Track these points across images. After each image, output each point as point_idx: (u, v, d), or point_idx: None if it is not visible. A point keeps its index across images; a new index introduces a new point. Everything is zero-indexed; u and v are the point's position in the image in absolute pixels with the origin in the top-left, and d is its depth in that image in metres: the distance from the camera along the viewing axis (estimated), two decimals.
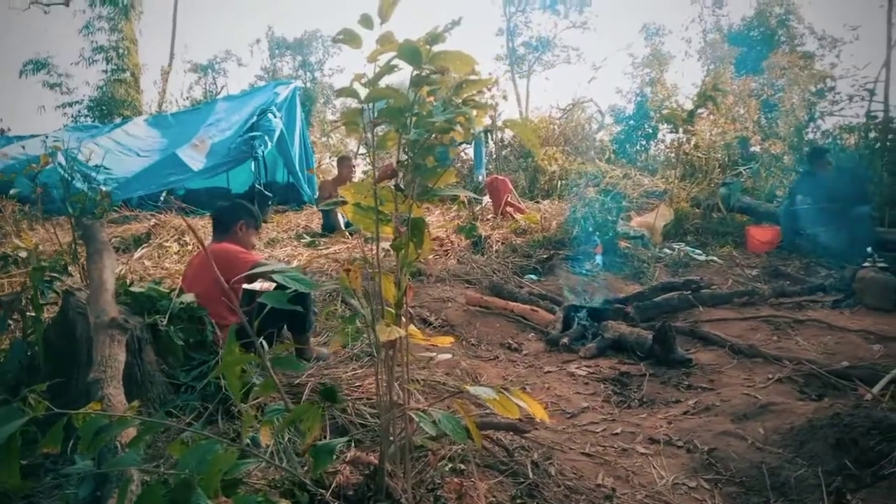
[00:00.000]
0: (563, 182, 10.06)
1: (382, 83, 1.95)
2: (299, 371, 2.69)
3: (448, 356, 2.01)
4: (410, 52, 1.94)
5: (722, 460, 2.59)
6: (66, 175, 6.83)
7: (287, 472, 1.81)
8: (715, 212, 7.65)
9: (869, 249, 5.10)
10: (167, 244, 5.57)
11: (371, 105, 2.04)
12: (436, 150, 2.05)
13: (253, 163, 8.56)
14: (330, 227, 7.24)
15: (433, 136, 2.05)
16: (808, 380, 3.36)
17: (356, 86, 2.01)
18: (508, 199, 7.85)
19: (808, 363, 3.46)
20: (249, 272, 2.01)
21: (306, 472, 1.90)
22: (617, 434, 2.91)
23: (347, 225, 7.53)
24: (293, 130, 10.01)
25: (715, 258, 6.16)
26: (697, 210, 7.74)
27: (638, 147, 14.53)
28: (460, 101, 2.08)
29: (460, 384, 3.28)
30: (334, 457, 1.84)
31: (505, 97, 17.05)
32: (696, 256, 6.12)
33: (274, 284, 2.03)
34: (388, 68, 1.98)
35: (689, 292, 4.69)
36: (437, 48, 1.97)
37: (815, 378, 3.36)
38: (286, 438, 2.24)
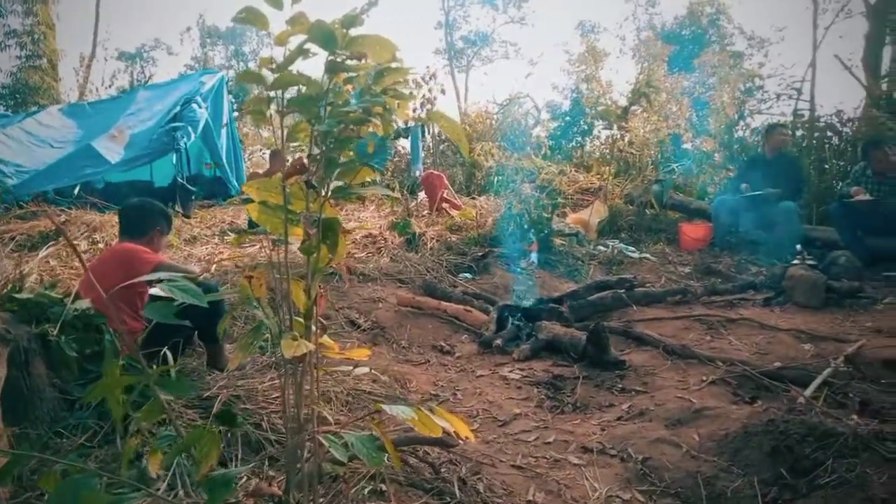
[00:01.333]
0: (500, 178, 9.98)
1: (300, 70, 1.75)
2: (185, 395, 2.44)
3: (365, 370, 1.82)
4: (324, 35, 1.74)
5: (656, 470, 2.49)
6: None
7: None
8: (648, 209, 7.69)
9: (798, 247, 5.16)
10: (76, 242, 5.16)
11: (281, 93, 1.83)
12: (352, 143, 1.86)
13: (174, 155, 8.11)
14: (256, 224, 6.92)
15: (348, 127, 1.86)
16: (741, 381, 3.32)
17: (264, 71, 1.80)
18: (444, 195, 7.70)
19: (740, 364, 3.42)
20: (147, 277, 1.78)
21: None
22: (549, 443, 2.78)
23: None
24: (220, 121, 9.58)
25: (648, 255, 6.16)
26: (631, 207, 7.76)
27: (574, 143, 14.62)
28: (380, 90, 1.90)
29: (383, 395, 3.11)
30: (235, 486, 1.63)
31: (443, 91, 16.90)
32: (629, 254, 6.10)
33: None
34: (299, 52, 1.77)
35: (623, 291, 4.63)
36: (354, 32, 1.78)
37: (747, 379, 3.31)
38: (183, 466, 2.00)
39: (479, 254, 5.79)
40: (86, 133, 8.32)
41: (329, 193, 1.79)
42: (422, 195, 8.35)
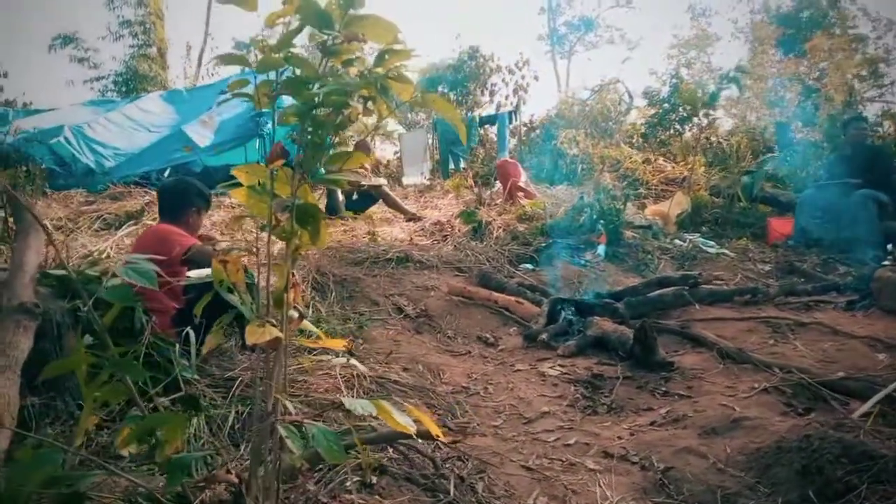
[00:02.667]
0: (585, 166, 9.71)
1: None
2: (138, 379, 2.50)
3: (342, 361, 1.79)
4: (318, 16, 1.72)
5: (677, 481, 2.33)
6: (74, 150, 6.82)
7: (142, 486, 1.62)
8: (737, 201, 7.24)
9: (890, 246, 4.70)
10: (152, 222, 5.47)
11: (276, 75, 1.84)
12: (334, 126, 1.83)
13: (257, 140, 8.42)
14: (332, 209, 7.07)
15: (333, 111, 1.84)
16: (798, 391, 3.05)
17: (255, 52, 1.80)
18: (518, 184, 7.57)
19: (798, 372, 3.14)
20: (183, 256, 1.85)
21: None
22: (569, 445, 2.66)
23: (353, 205, 7.37)
24: None
25: (727, 251, 5.79)
26: (717, 199, 7.33)
27: (672, 131, 13.97)
28: (384, 73, 1.86)
29: (410, 385, 3.09)
30: (193, 471, 1.66)
31: (536, 77, 16.65)
32: (707, 249, 5.76)
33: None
34: (294, 33, 1.76)
35: (686, 288, 4.37)
36: (353, 12, 1.75)
37: (805, 389, 3.04)
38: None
39: (543, 244, 5.64)
40: (182, 118, 8.78)
41: (304, 179, 1.77)
42: (498, 183, 8.27)
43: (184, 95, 9.64)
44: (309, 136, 1.85)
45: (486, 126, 12.97)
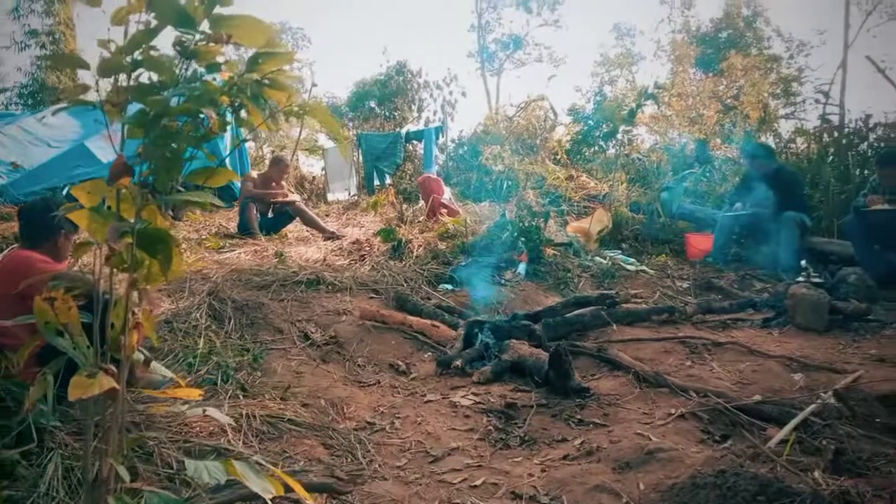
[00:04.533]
0: (510, 183, 9.64)
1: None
2: None
3: (198, 411, 1.53)
4: (177, 13, 1.48)
5: None
6: None
7: None
8: (657, 217, 7.27)
9: (803, 262, 4.73)
10: None
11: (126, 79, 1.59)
12: (178, 137, 1.58)
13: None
14: (244, 228, 6.72)
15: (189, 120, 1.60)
16: (714, 416, 2.95)
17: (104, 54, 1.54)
18: (441, 200, 7.40)
19: (714, 396, 3.05)
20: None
21: None
22: (476, 486, 2.45)
23: (268, 224, 7.03)
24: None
25: (646, 269, 5.76)
26: (638, 216, 7.34)
27: (596, 148, 14.17)
28: (259, 79, 1.64)
29: (306, 424, 2.83)
30: None
31: (464, 93, 16.66)
32: (626, 266, 5.72)
33: None
34: (149, 35, 1.51)
35: (604, 308, 4.27)
36: (219, 10, 1.52)
37: (721, 414, 2.94)
38: None
39: (463, 263, 5.47)
40: (87, 132, 8.23)
41: (149, 198, 1.52)
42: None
43: (91, 108, 9.02)
44: (158, 149, 1.60)
45: (414, 142, 12.79)
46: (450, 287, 5.15)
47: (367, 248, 6.01)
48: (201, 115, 1.55)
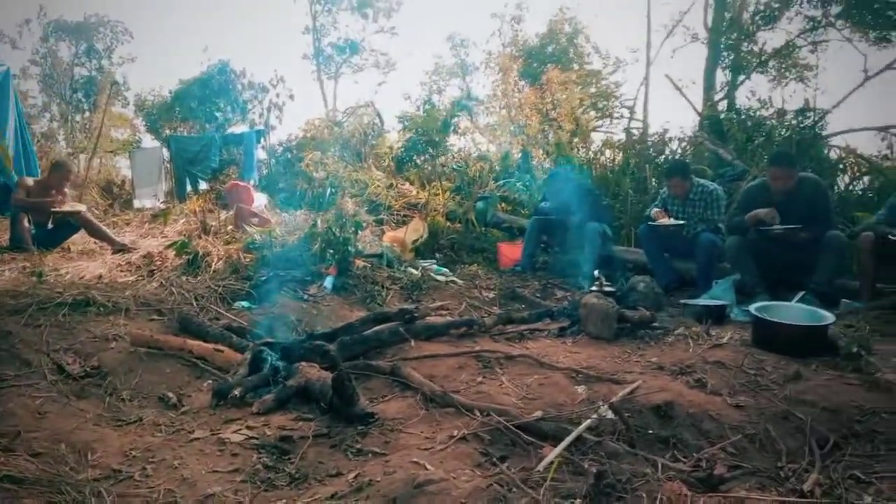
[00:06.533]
0: (333, 190, 9.36)
1: None
2: None
3: None
4: None
5: None
6: None
7: None
8: (473, 227, 7.34)
9: (596, 272, 4.89)
10: None
11: None
12: None
13: None
14: (16, 241, 5.89)
15: None
16: (496, 436, 2.87)
17: None
18: (252, 209, 6.98)
19: (496, 414, 2.97)
20: None
21: None
22: None
23: (48, 236, 6.23)
24: (4, 122, 8.32)
25: (456, 279, 5.73)
26: (455, 224, 7.37)
27: (426, 156, 14.24)
28: None
29: (34, 478, 2.39)
30: None
31: (291, 96, 16.11)
32: (437, 277, 5.65)
33: None
34: None
35: (402, 323, 4.12)
36: None
37: (502, 434, 2.87)
38: None
39: (264, 278, 5.11)
40: None
41: None
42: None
43: None
44: None
45: (231, 146, 12.10)
46: (246, 305, 4.78)
47: (159, 262, 5.48)
48: None
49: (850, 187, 7.66)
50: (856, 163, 8.09)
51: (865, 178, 7.87)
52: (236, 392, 3.35)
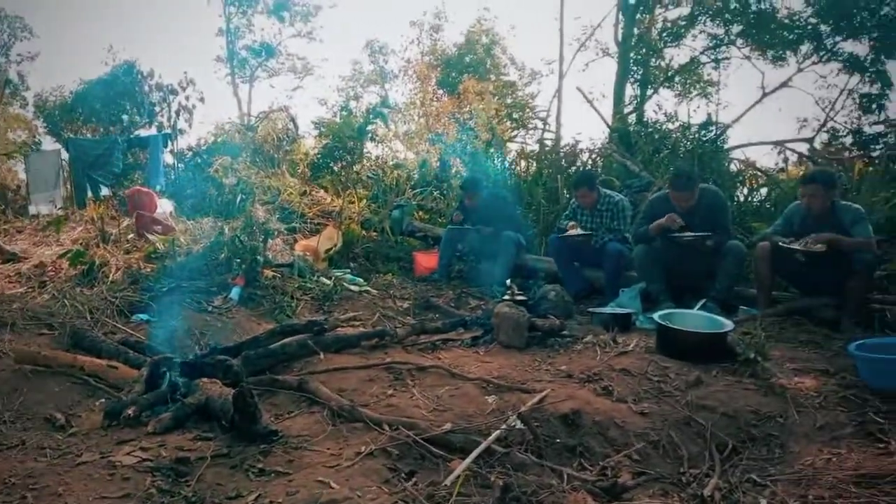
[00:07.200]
0: (244, 197, 9.07)
1: None
2: None
3: None
4: None
5: None
6: None
7: None
8: (388, 235, 7.28)
9: (508, 281, 4.94)
10: None
11: None
12: None
13: None
14: None
15: None
16: (405, 450, 2.82)
17: None
18: (154, 216, 6.66)
19: (405, 428, 2.92)
20: None
21: None
22: None
23: None
24: None
25: (370, 289, 5.66)
26: (371, 233, 7.29)
27: (344, 163, 14.05)
28: None
29: None
30: None
31: (202, 99, 15.57)
32: (350, 287, 5.55)
33: None
34: None
35: (311, 335, 4.02)
36: None
37: (411, 448, 2.82)
38: None
39: (166, 289, 4.88)
40: None
41: None
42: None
43: None
44: None
45: (136, 149, 11.57)
46: (145, 317, 4.54)
47: (52, 273, 5.14)
48: None
49: (749, 198, 8.09)
50: (754, 175, 8.57)
51: (763, 190, 8.34)
52: (130, 411, 3.16)
